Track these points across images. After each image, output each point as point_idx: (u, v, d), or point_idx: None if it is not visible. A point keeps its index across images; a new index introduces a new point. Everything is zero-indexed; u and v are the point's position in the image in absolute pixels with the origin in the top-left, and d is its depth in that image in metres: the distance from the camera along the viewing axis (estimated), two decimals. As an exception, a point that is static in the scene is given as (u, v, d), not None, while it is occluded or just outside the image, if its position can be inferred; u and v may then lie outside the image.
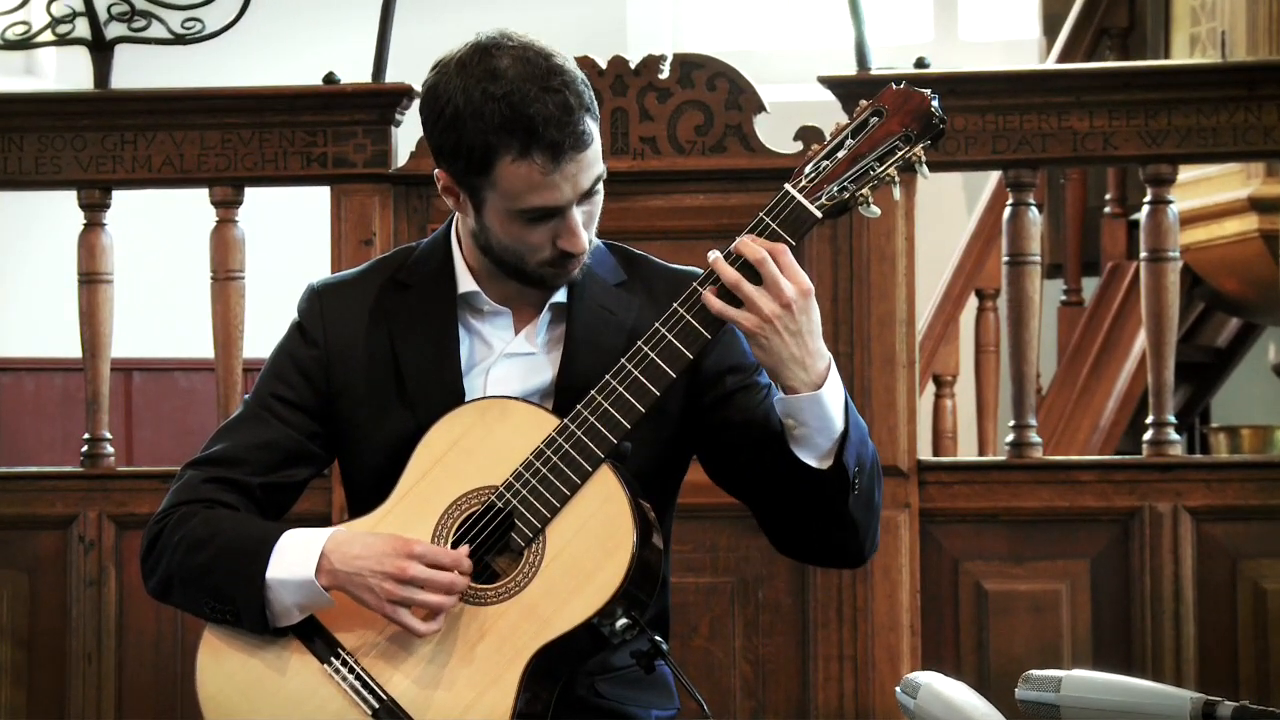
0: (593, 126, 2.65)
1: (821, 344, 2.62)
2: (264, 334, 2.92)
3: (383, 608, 2.62)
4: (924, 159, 2.64)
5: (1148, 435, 4.42)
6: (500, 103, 2.62)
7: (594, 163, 2.67)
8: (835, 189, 2.63)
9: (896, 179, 2.64)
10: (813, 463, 2.63)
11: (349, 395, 2.79)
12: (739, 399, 2.76)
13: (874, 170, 2.63)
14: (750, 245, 2.60)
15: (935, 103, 2.64)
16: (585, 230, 2.70)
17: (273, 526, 2.73)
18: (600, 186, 2.72)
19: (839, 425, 2.63)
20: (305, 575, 2.65)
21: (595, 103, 2.67)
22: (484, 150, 2.63)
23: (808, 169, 2.64)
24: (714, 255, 2.62)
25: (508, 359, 2.78)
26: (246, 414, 2.83)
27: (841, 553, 2.76)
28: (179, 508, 2.77)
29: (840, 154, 2.63)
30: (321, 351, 2.81)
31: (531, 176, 2.63)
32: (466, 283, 2.79)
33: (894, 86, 2.66)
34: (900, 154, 2.63)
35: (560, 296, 2.79)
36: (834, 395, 2.63)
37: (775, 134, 4.45)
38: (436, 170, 2.74)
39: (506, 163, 2.63)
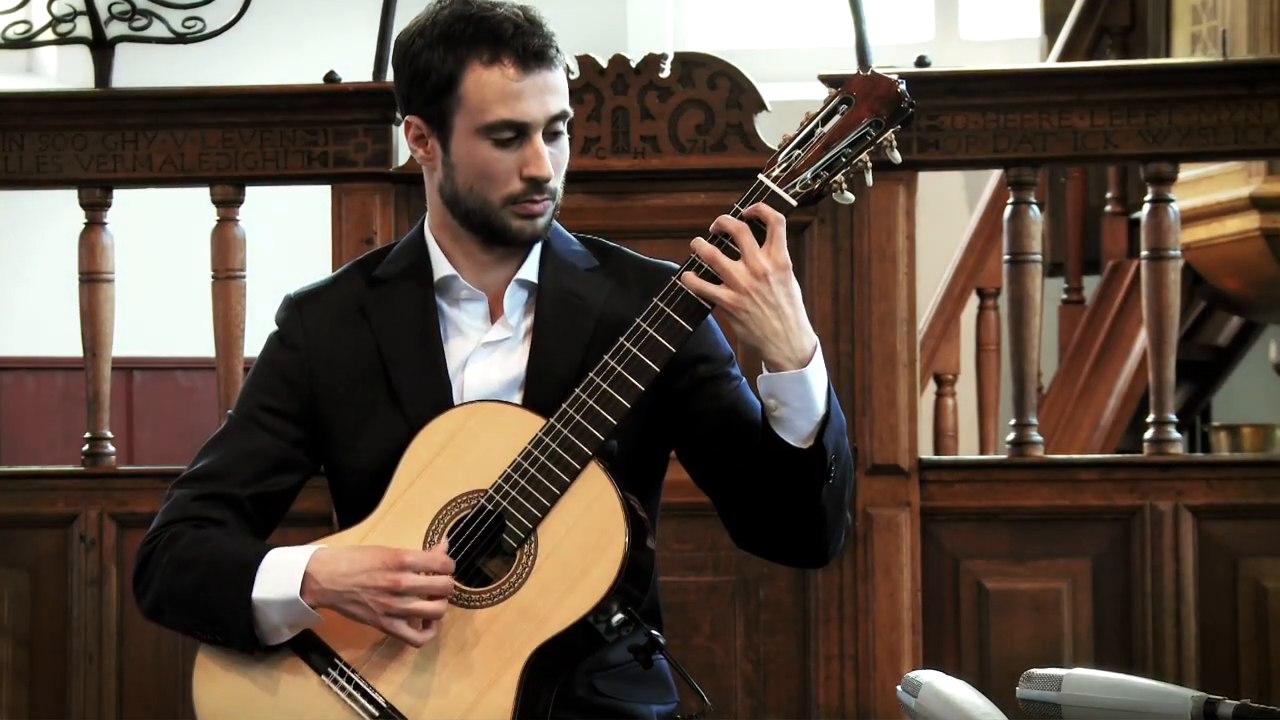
0: (560, 60, 2.72)
1: (806, 322, 2.62)
2: (265, 333, 2.91)
3: (379, 622, 2.61)
4: (894, 144, 2.65)
5: (1149, 434, 4.42)
6: (468, 21, 2.70)
7: (560, 91, 2.72)
8: (809, 176, 2.64)
9: (869, 165, 2.65)
10: (792, 443, 2.62)
11: (334, 396, 2.79)
12: (709, 388, 2.76)
13: (846, 157, 2.64)
14: (728, 219, 2.62)
15: (903, 87, 2.65)
16: (554, 175, 2.73)
17: (257, 546, 2.72)
18: (565, 131, 2.75)
19: (821, 408, 2.62)
20: (290, 594, 2.64)
21: (562, 55, 2.73)
22: (454, 63, 2.69)
23: (780, 158, 2.65)
24: (696, 240, 2.64)
25: (485, 348, 2.78)
26: (231, 427, 2.83)
27: (806, 547, 2.73)
28: (168, 528, 2.76)
29: (812, 142, 2.65)
30: (303, 354, 2.81)
31: (502, 85, 2.68)
32: (443, 268, 2.80)
33: (861, 74, 2.67)
34: (871, 140, 2.65)
35: (531, 274, 2.79)
36: (818, 378, 2.62)
37: (776, 133, 4.44)
38: (405, 119, 2.77)
39: (477, 70, 2.68)
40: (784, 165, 2.64)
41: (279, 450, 2.79)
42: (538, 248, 2.81)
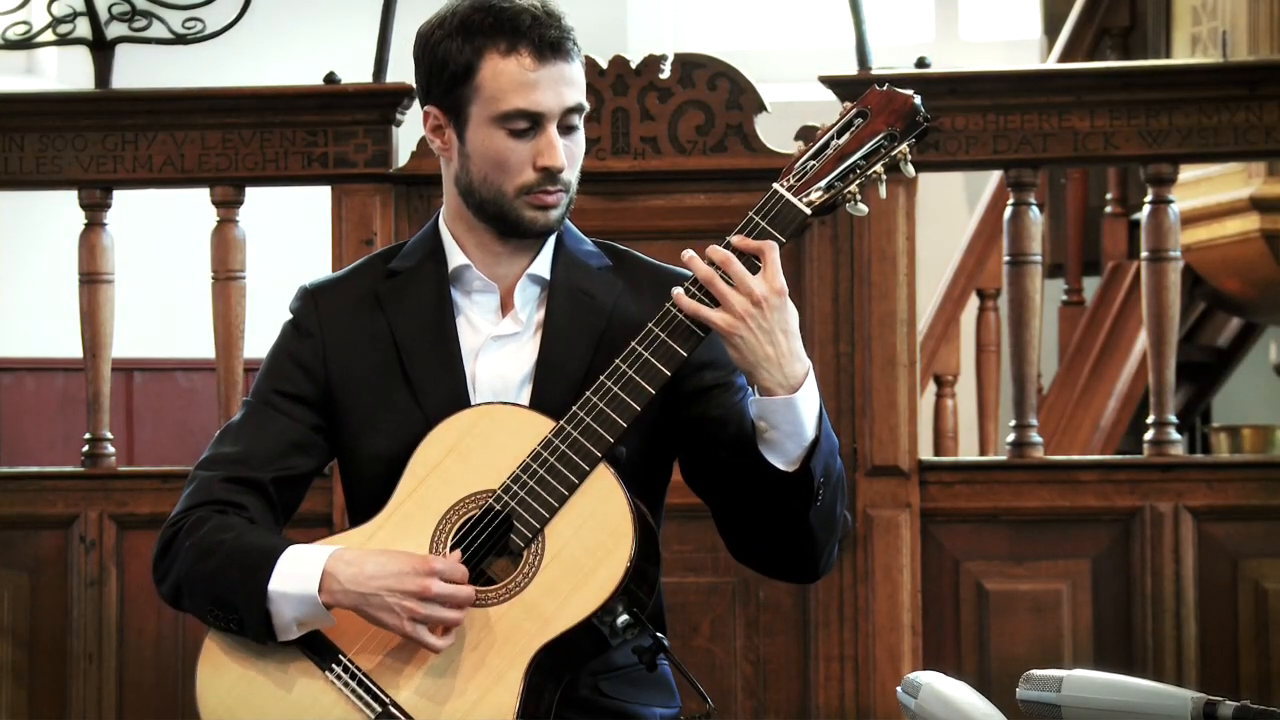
0: (577, 53, 2.74)
1: (800, 347, 2.64)
2: (265, 334, 2.92)
3: (403, 627, 2.61)
4: (909, 157, 2.67)
5: (1149, 435, 4.42)
6: (487, 12, 2.73)
7: (576, 84, 2.74)
8: (823, 186, 2.66)
9: (884, 177, 2.67)
10: (780, 466, 2.63)
11: (349, 383, 2.80)
12: (716, 395, 2.77)
13: (861, 168, 2.66)
14: (716, 249, 2.63)
15: (918, 101, 2.68)
16: (569, 168, 2.75)
17: (279, 539, 2.72)
18: (581, 126, 2.77)
19: (810, 433, 2.64)
20: (307, 591, 2.64)
21: (580, 49, 2.75)
22: (472, 53, 2.72)
23: (795, 168, 2.67)
24: (688, 254, 2.65)
25: (495, 342, 2.79)
26: (249, 413, 2.83)
27: (796, 564, 2.76)
28: (193, 511, 2.76)
29: (827, 153, 2.67)
30: (318, 341, 2.82)
31: (518, 74, 2.70)
32: (457, 258, 2.81)
33: (877, 88, 2.70)
34: (886, 152, 2.67)
35: (544, 270, 2.81)
36: (808, 402, 2.64)
37: (776, 134, 4.45)
38: (424, 110, 2.80)
39: (494, 59, 2.71)
40: (799, 175, 2.66)
41: (298, 433, 2.80)
42: (550, 244, 2.82)
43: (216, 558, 2.70)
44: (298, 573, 2.65)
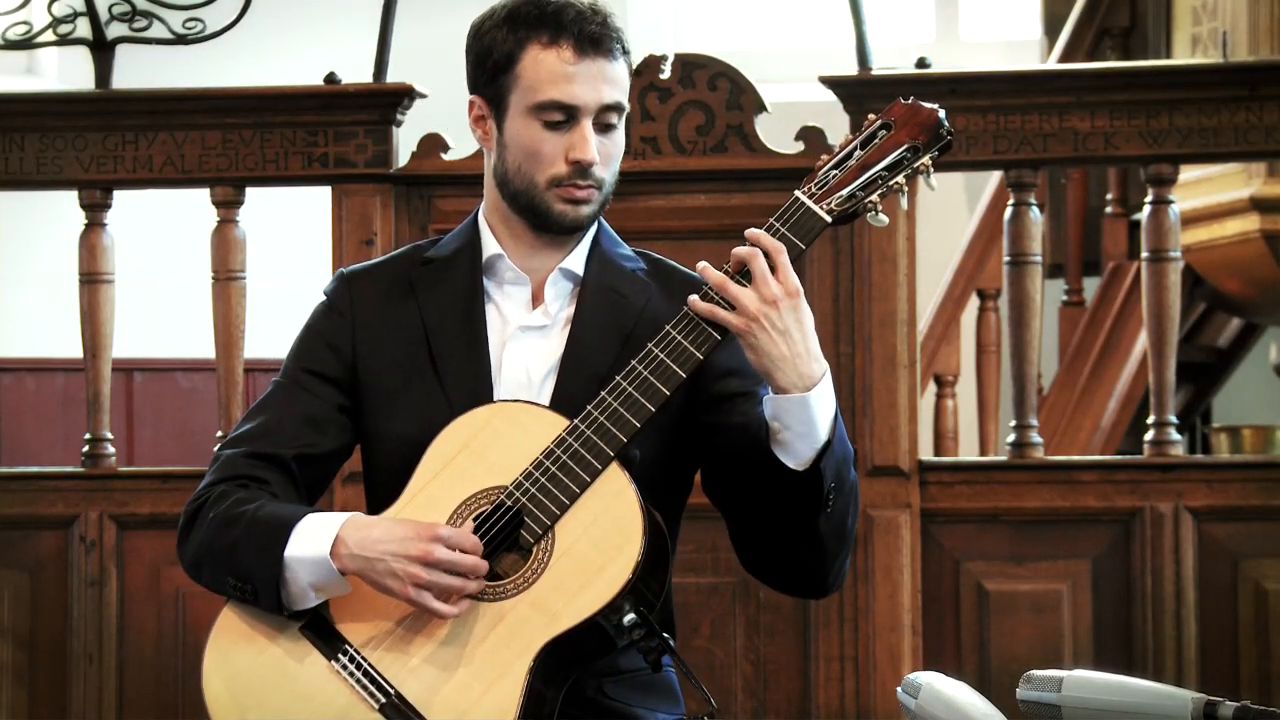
0: (621, 52, 2.77)
1: (817, 348, 2.65)
2: (265, 334, 2.93)
3: (406, 592, 2.62)
4: (931, 170, 2.69)
5: (1149, 435, 4.42)
6: (534, 5, 2.77)
7: (616, 82, 2.76)
8: (845, 195, 2.68)
9: (905, 187, 2.69)
10: (790, 464, 2.64)
11: (376, 363, 2.83)
12: (739, 403, 2.78)
13: (883, 179, 2.69)
14: (740, 249, 2.65)
15: (943, 115, 2.71)
16: (603, 165, 2.77)
17: (298, 509, 2.75)
18: (620, 125, 2.79)
19: (823, 435, 2.64)
20: (320, 554, 2.66)
21: (628, 48, 2.78)
22: (515, 43, 2.76)
23: (818, 176, 2.70)
24: (702, 265, 2.67)
25: (522, 332, 2.81)
26: (276, 390, 2.86)
27: (805, 577, 2.76)
28: (216, 486, 2.79)
29: (850, 163, 2.70)
30: (348, 321, 2.85)
31: (556, 66, 2.73)
32: (491, 248, 2.84)
33: (902, 101, 2.73)
34: (909, 164, 2.70)
35: (577, 266, 2.83)
36: (823, 405, 2.64)
37: (777, 134, 4.45)
38: (469, 100, 2.83)
39: (535, 50, 2.74)
40: (821, 183, 2.69)
41: (322, 411, 2.82)
42: (586, 241, 2.85)
43: (237, 529, 2.72)
44: (313, 537, 2.67)
